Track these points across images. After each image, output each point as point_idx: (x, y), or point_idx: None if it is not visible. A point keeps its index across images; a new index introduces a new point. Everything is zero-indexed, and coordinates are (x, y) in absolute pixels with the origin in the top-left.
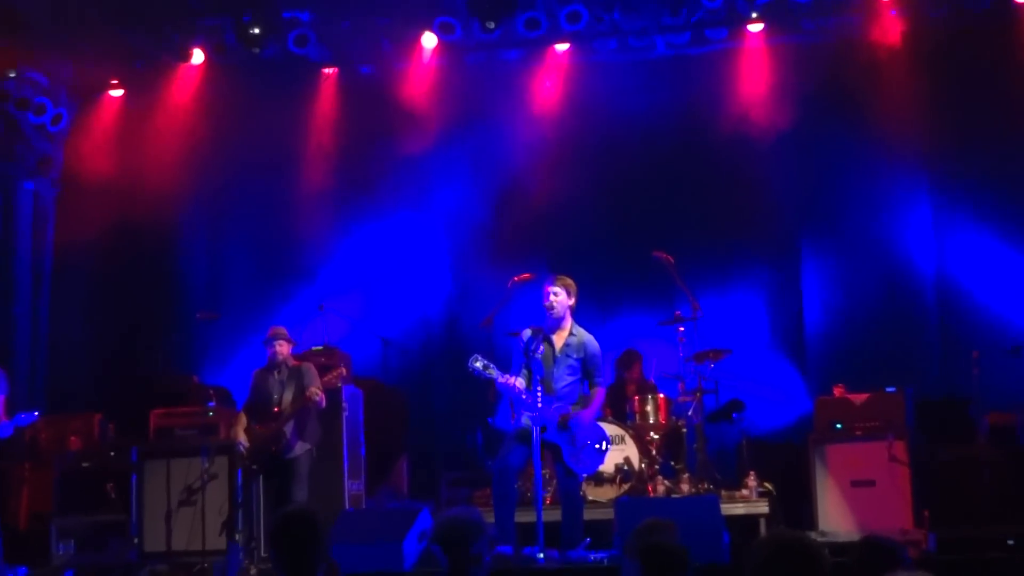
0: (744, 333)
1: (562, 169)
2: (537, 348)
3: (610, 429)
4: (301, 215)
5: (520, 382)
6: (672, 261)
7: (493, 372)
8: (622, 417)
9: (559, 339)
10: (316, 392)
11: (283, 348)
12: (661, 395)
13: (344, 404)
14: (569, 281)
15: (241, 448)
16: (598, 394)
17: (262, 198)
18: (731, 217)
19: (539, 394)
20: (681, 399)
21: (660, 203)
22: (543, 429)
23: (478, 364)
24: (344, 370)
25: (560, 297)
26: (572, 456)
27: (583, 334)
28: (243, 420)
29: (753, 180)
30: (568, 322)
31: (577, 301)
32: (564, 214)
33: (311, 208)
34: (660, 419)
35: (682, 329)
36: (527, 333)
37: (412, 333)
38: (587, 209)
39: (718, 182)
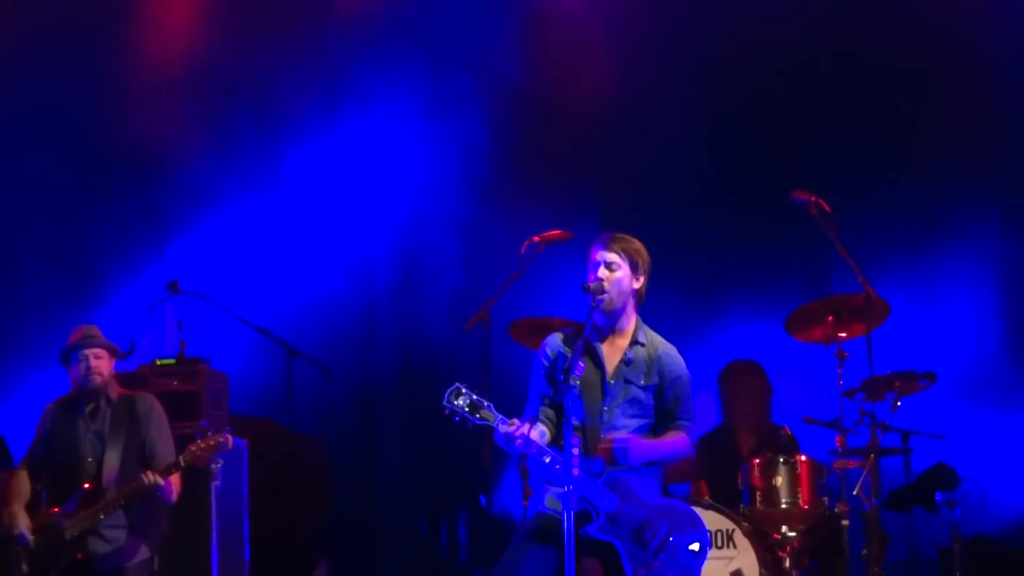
0: (956, 348)
1: (630, 48)
2: (574, 367)
3: (709, 518)
4: (136, 120)
5: (540, 433)
6: (829, 211)
7: (488, 415)
8: (728, 498)
9: (614, 351)
10: (153, 479)
11: (101, 364)
12: (802, 457)
13: (213, 467)
14: (636, 246)
15: (24, 542)
16: (682, 437)
17: (61, 88)
18: (935, 142)
19: (576, 453)
20: (839, 465)
21: (809, 115)
22: (584, 517)
23: (460, 401)
24: (228, 438)
25: (619, 274)
26: (640, 563)
27: (657, 342)
28: (24, 490)
29: (979, 71)
30: (632, 321)
31: (648, 284)
32: (629, 129)
33: (155, 108)
34: (800, 501)
35: (843, 336)
36: (555, 342)
37: (341, 338)
38: (672, 123)
39: (915, 78)
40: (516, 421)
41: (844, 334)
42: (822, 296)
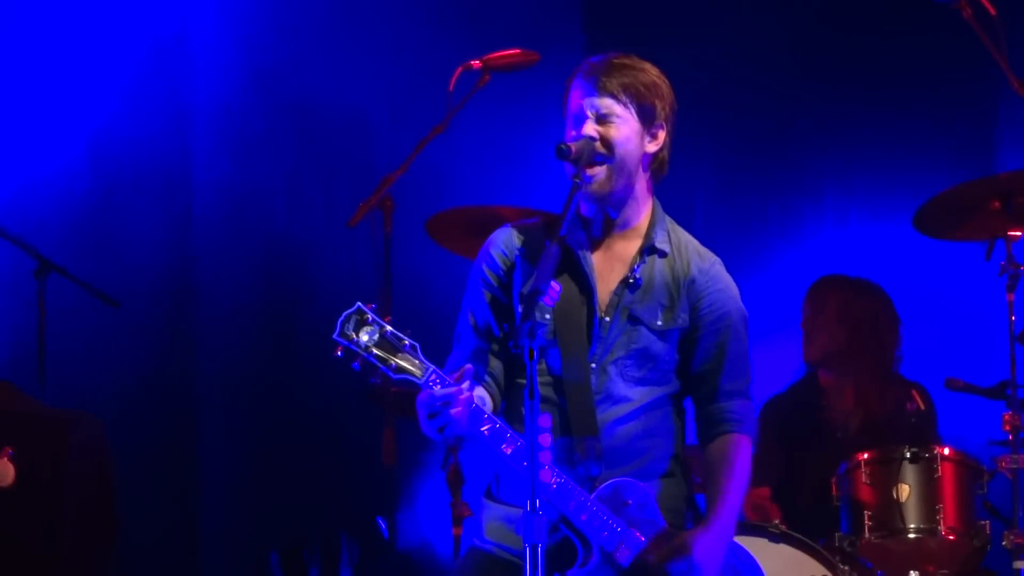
0: None
1: None
2: (542, 289)
3: (782, 561)
4: None
5: (480, 395)
6: (994, 14)
7: (410, 363)
8: (813, 520)
9: (611, 264)
10: None
11: None
12: (944, 448)
13: None
14: (649, 77)
15: None
16: (740, 450)
17: None
18: None
19: (548, 441)
20: (1009, 464)
21: None
22: (559, 556)
23: (363, 335)
24: None
25: (620, 129)
26: None
27: (690, 251)
28: None
29: None
30: (644, 212)
31: (671, 145)
32: None
33: None
34: (941, 527)
35: (1017, 236)
36: (510, 240)
37: (133, 243)
38: None
39: None
40: (469, 369)
41: (1018, 233)
42: (979, 171)
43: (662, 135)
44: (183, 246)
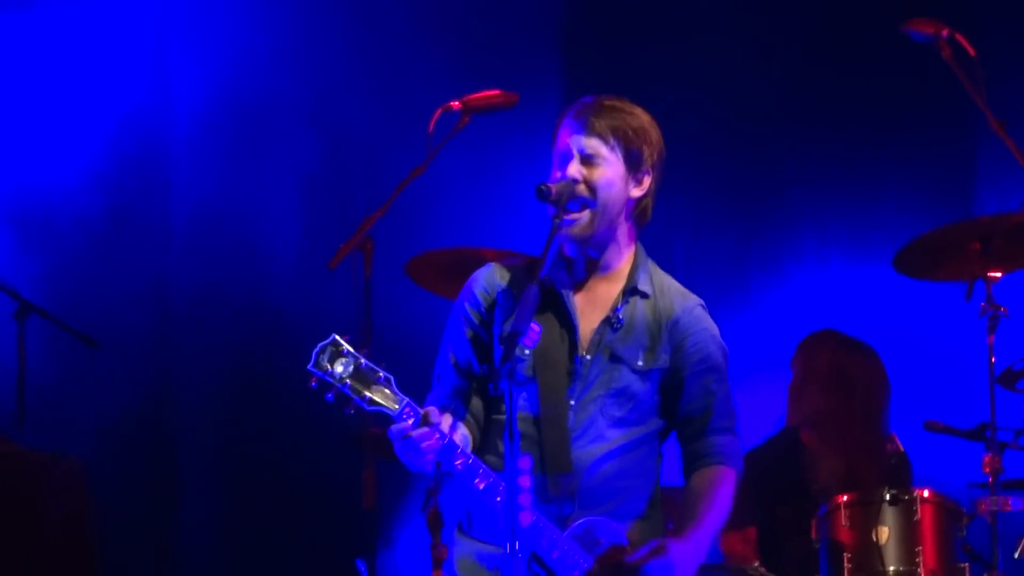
0: None
1: None
2: (522, 330)
3: None
4: None
5: (463, 433)
6: (973, 55)
7: (385, 396)
8: (793, 562)
9: (593, 304)
10: None
11: None
12: (924, 491)
13: None
14: (637, 121)
15: None
16: (724, 481)
17: None
18: None
19: (530, 475)
20: (989, 506)
21: None
22: None
23: (337, 367)
24: None
25: (604, 171)
26: None
27: (672, 293)
28: None
29: None
30: (627, 255)
31: (656, 190)
32: None
33: None
34: (920, 569)
35: (996, 277)
36: (492, 279)
37: (111, 283)
38: None
39: None
40: (435, 411)
41: (998, 274)
42: (959, 213)
43: (647, 181)
44: (162, 288)
